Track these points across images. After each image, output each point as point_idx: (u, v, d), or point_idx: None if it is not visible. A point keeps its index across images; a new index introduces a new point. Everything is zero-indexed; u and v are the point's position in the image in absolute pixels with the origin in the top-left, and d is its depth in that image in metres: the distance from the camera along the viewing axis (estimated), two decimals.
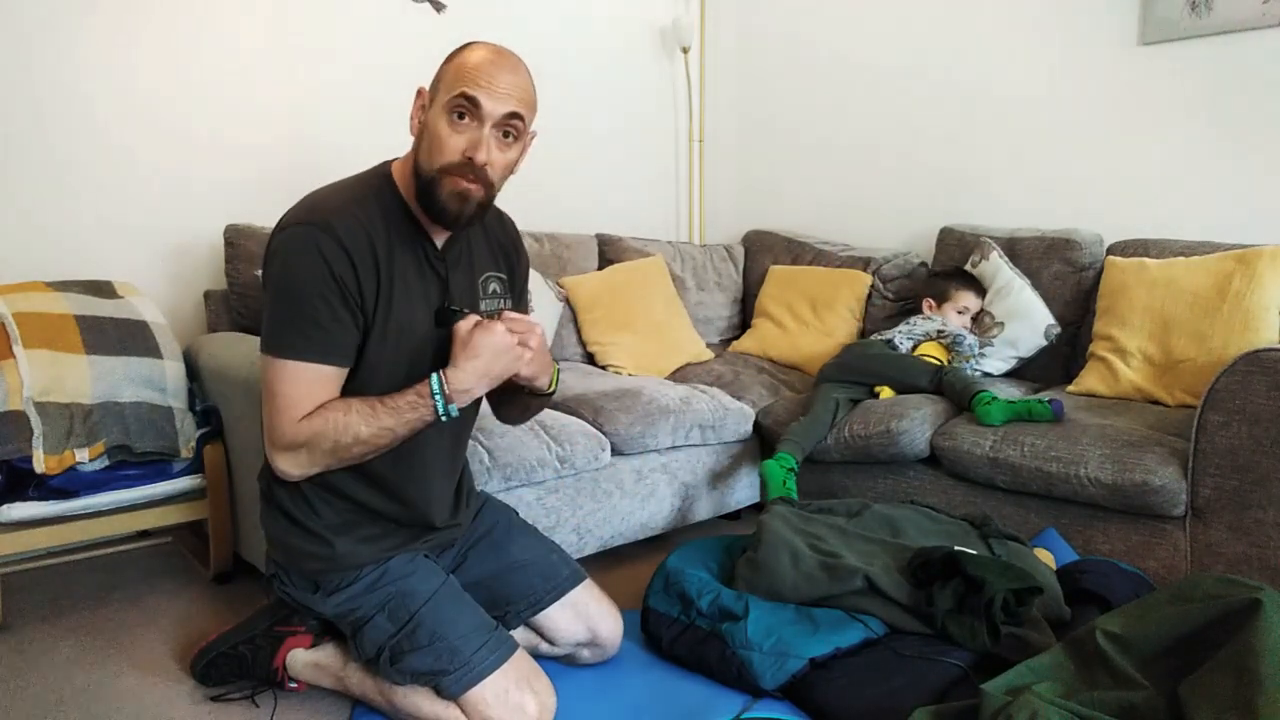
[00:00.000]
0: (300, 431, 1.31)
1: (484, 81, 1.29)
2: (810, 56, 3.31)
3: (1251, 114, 2.34)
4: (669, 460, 2.26)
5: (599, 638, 1.64)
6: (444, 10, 2.82)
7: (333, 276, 1.29)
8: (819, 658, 1.53)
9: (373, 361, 1.37)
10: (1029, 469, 1.94)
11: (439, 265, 1.43)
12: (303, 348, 1.30)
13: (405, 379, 1.38)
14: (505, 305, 1.56)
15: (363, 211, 1.35)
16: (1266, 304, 2.08)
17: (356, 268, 1.31)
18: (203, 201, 2.43)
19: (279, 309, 1.32)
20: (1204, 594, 1.40)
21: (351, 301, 1.32)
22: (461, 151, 1.31)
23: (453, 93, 1.30)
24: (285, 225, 1.34)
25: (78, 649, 1.79)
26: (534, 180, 3.17)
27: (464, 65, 1.31)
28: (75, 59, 2.21)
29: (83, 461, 1.82)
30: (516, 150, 1.37)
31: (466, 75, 1.30)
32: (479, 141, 1.30)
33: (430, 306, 1.42)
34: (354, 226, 1.32)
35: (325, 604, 1.46)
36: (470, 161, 1.30)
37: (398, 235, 1.38)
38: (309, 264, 1.29)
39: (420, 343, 1.41)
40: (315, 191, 1.39)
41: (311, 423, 1.31)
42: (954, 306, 2.53)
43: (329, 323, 1.31)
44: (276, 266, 1.33)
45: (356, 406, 1.32)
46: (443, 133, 1.31)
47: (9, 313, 1.87)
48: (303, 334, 1.30)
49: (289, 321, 1.31)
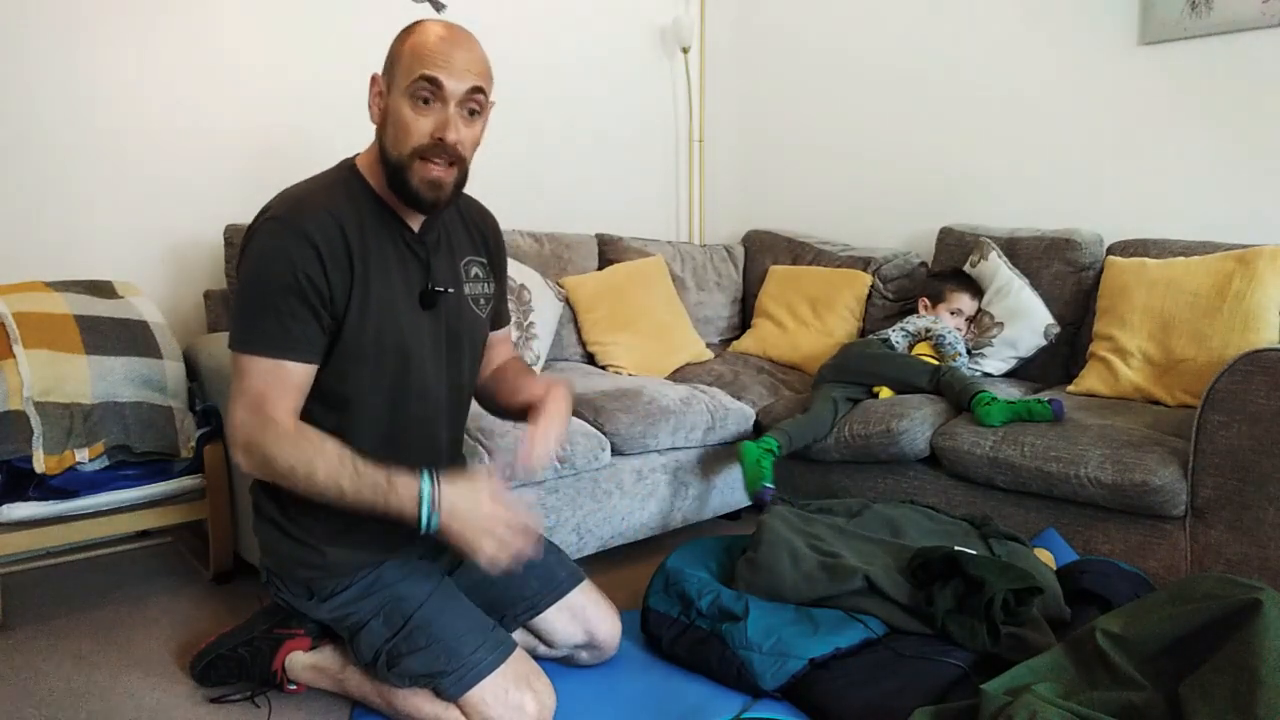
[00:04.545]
0: (274, 442, 1.28)
1: (442, 61, 1.29)
2: (810, 56, 3.31)
3: (1251, 114, 2.34)
4: (669, 460, 2.26)
5: (597, 640, 1.64)
6: (444, 10, 2.82)
7: (297, 274, 1.30)
8: (819, 658, 1.53)
9: (352, 347, 1.36)
10: (1029, 469, 1.94)
11: (419, 249, 1.43)
12: (262, 344, 1.31)
13: (392, 361, 1.39)
14: (489, 289, 1.57)
15: (331, 202, 1.35)
16: (1266, 304, 2.08)
17: (324, 261, 1.31)
18: (203, 201, 2.43)
19: (243, 304, 1.33)
20: (1204, 594, 1.40)
21: (316, 298, 1.31)
22: (430, 134, 1.31)
23: (412, 76, 1.30)
24: (254, 222, 1.35)
25: (78, 649, 1.78)
26: (534, 180, 3.19)
27: (420, 47, 1.31)
28: (75, 59, 2.21)
29: (83, 461, 1.82)
30: (480, 124, 1.38)
31: (424, 57, 1.30)
32: (446, 122, 1.31)
33: (412, 290, 1.42)
34: (322, 218, 1.32)
35: (320, 609, 1.46)
36: (441, 142, 1.31)
37: (371, 222, 1.38)
38: (273, 261, 1.30)
39: (405, 325, 1.41)
40: (287, 189, 1.39)
41: (299, 445, 1.29)
42: (948, 307, 2.53)
43: (289, 320, 1.31)
44: (246, 262, 1.34)
45: (336, 453, 1.29)
46: (407, 117, 1.31)
47: (9, 313, 1.87)
48: (263, 331, 1.31)
49: (251, 317, 1.32)
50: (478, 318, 1.54)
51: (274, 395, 1.31)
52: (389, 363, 1.40)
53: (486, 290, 1.57)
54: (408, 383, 1.43)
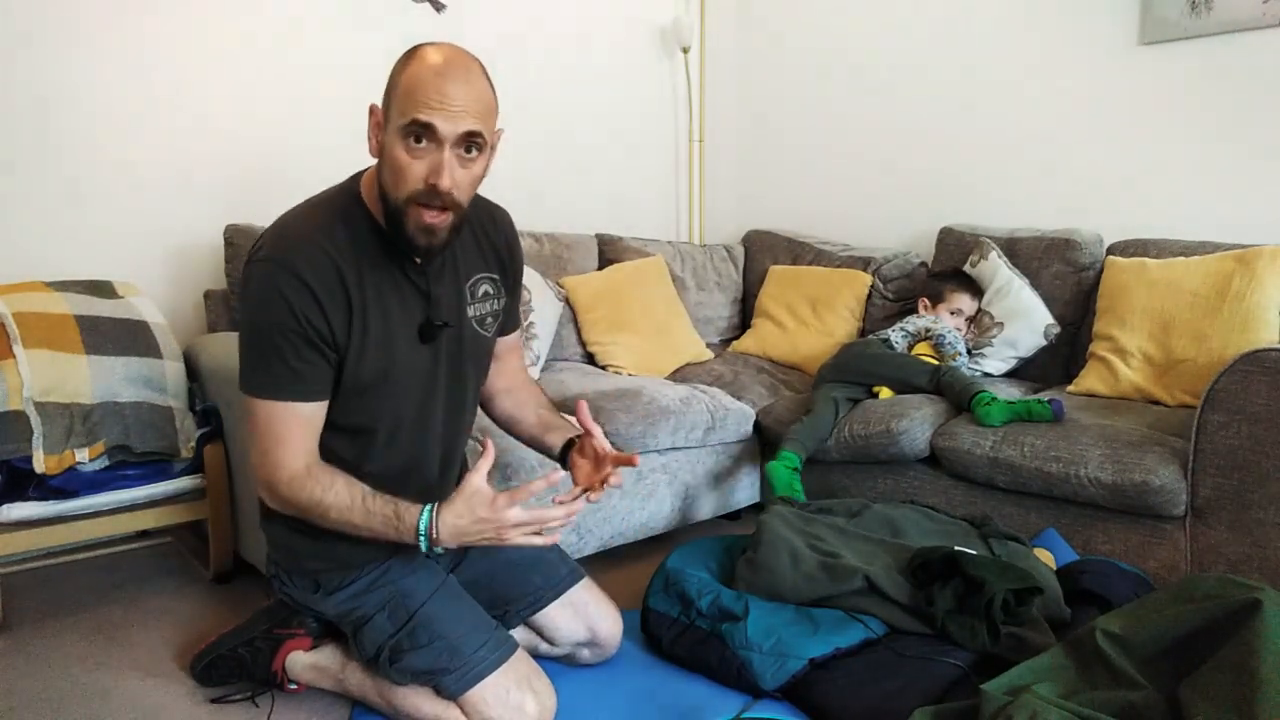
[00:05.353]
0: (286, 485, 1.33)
1: (435, 103, 1.21)
2: (811, 56, 3.31)
3: (1251, 114, 2.34)
4: (669, 460, 2.26)
5: (599, 637, 1.64)
6: (444, 10, 2.82)
7: (295, 316, 1.28)
8: (819, 658, 1.53)
9: (352, 384, 1.36)
10: (1029, 469, 1.94)
11: (419, 280, 1.40)
12: (274, 388, 1.31)
13: (391, 394, 1.39)
14: (498, 305, 1.54)
15: (329, 241, 1.31)
16: (1266, 304, 2.08)
17: (322, 303, 1.30)
18: (203, 201, 2.43)
19: (249, 349, 1.33)
20: (1204, 594, 1.40)
21: (318, 338, 1.31)
22: (424, 178, 1.24)
23: (405, 119, 1.22)
24: (252, 259, 1.32)
25: (78, 649, 1.79)
26: (534, 180, 3.19)
27: (413, 85, 1.22)
28: (76, 60, 2.21)
29: (83, 461, 1.82)
30: (482, 162, 1.30)
31: (416, 97, 1.21)
32: (439, 166, 1.23)
33: (412, 323, 1.40)
34: (316, 257, 1.30)
35: (326, 603, 1.46)
36: (434, 189, 1.24)
37: (369, 259, 1.35)
38: (270, 305, 1.28)
39: (405, 360, 1.40)
40: (286, 214, 1.37)
41: (308, 487, 1.32)
42: (948, 307, 2.53)
43: (296, 363, 1.30)
44: (244, 305, 1.33)
45: (347, 492, 1.33)
46: (401, 160, 1.24)
47: (9, 313, 1.87)
48: (272, 374, 1.30)
49: (259, 361, 1.31)
50: (482, 338, 1.52)
51: (286, 437, 1.32)
52: (390, 397, 1.40)
53: (495, 307, 1.54)
54: (406, 416, 1.43)
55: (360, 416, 1.39)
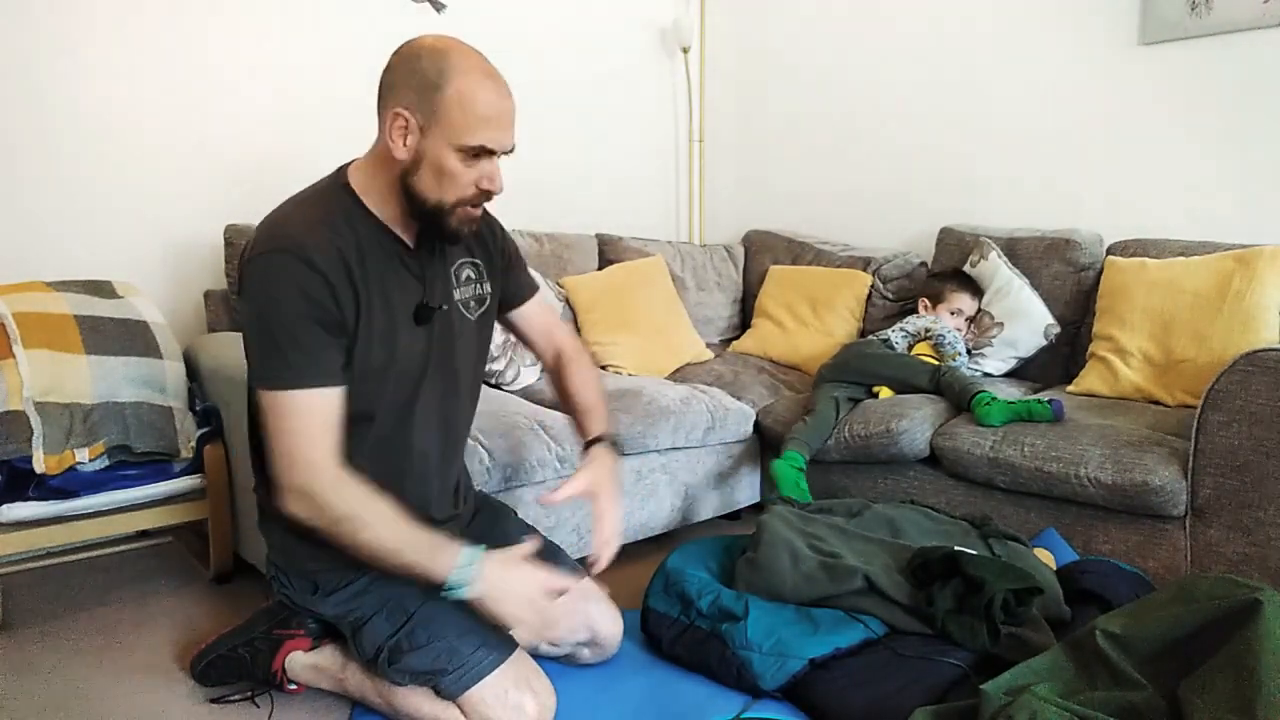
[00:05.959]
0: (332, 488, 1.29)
1: (496, 126, 1.32)
2: (810, 56, 3.31)
3: (1252, 114, 2.34)
4: (669, 460, 2.26)
5: (599, 637, 1.64)
6: (444, 10, 2.82)
7: (310, 301, 1.28)
8: (819, 658, 1.53)
9: (359, 372, 1.37)
10: (1029, 469, 1.94)
11: (414, 265, 1.43)
12: (294, 378, 1.29)
13: (394, 381, 1.40)
14: (482, 290, 1.57)
15: (331, 230, 1.33)
16: (1266, 304, 2.08)
17: (334, 288, 1.30)
18: (203, 201, 2.43)
19: (265, 341, 1.30)
20: (1204, 594, 1.40)
21: (332, 323, 1.31)
22: (475, 183, 1.34)
23: (469, 141, 1.30)
24: (256, 253, 1.31)
25: (78, 649, 1.79)
26: (534, 180, 3.19)
27: (474, 112, 1.30)
28: (76, 60, 2.21)
29: (82, 461, 1.82)
30: None
31: (481, 125, 1.30)
32: (493, 174, 1.35)
33: (409, 308, 1.42)
34: (326, 247, 1.30)
35: (325, 604, 1.46)
36: (488, 194, 1.36)
37: (369, 246, 1.37)
38: (284, 293, 1.27)
39: (405, 344, 1.41)
40: (276, 211, 1.37)
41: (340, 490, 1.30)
42: (948, 307, 2.53)
43: (316, 349, 1.30)
44: (255, 298, 1.31)
45: (386, 509, 1.31)
46: (455, 169, 1.32)
47: (9, 313, 1.87)
48: (290, 363, 1.29)
49: (274, 352, 1.29)
50: (467, 320, 1.54)
51: (317, 433, 1.29)
52: (391, 383, 1.41)
53: (479, 291, 1.56)
54: (408, 401, 1.44)
55: (360, 403, 1.38)
